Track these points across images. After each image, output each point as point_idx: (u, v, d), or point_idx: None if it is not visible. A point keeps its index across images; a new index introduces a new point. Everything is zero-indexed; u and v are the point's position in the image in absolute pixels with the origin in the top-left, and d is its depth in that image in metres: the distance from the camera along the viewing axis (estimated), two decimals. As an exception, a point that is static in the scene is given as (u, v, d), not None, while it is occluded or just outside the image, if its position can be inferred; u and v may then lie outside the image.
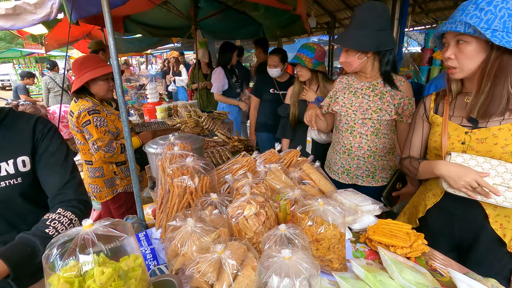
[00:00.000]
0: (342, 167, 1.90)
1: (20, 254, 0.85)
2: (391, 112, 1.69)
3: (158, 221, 1.32)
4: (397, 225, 1.21)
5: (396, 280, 0.91)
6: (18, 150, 1.00)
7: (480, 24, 1.01)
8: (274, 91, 3.01)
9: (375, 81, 1.74)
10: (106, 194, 2.26)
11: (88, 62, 2.05)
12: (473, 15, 1.03)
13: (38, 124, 1.06)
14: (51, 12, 2.45)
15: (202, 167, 1.25)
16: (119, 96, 1.58)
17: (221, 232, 0.98)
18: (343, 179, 1.91)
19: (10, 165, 0.97)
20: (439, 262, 1.13)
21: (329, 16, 6.43)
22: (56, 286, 0.59)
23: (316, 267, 0.78)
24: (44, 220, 0.94)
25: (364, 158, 1.81)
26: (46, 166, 1.05)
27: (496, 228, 1.19)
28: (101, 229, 0.64)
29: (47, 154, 1.05)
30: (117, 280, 0.62)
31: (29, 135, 1.02)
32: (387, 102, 1.69)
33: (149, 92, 4.26)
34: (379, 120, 1.71)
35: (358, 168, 1.85)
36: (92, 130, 1.96)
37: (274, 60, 2.83)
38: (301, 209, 1.05)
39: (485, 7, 1.02)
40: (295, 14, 3.55)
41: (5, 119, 1.01)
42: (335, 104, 1.85)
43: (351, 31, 1.63)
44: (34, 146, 1.03)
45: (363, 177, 1.86)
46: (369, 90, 1.75)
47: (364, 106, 1.74)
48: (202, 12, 4.10)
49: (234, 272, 0.81)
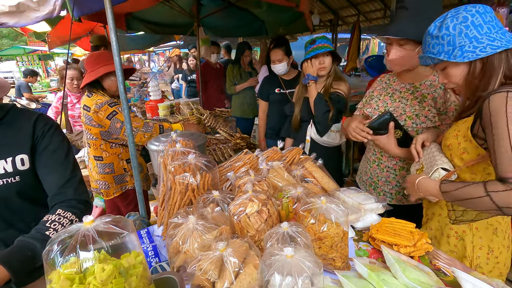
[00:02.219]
0: (370, 178, 1.69)
1: (21, 258, 0.84)
2: (433, 118, 1.42)
3: (160, 218, 1.32)
4: (400, 224, 1.19)
5: (400, 279, 0.90)
6: (18, 148, 0.98)
7: (444, 49, 1.04)
8: (280, 91, 2.77)
9: (418, 83, 1.50)
10: (115, 191, 2.26)
11: (102, 57, 2.08)
12: (434, 44, 1.07)
13: (39, 122, 1.04)
14: (54, 9, 2.44)
15: (204, 165, 1.24)
16: (121, 93, 1.58)
17: (223, 230, 0.98)
18: (370, 192, 1.66)
19: (8, 163, 0.96)
20: (443, 261, 1.11)
21: (332, 14, 6.38)
22: (57, 283, 0.58)
23: (319, 266, 0.77)
24: (44, 222, 0.93)
25: (395, 170, 1.57)
26: (46, 165, 1.03)
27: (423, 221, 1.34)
28: (102, 226, 0.63)
29: (47, 152, 1.04)
30: (117, 277, 0.61)
31: (29, 133, 1.01)
32: (428, 106, 1.44)
33: (152, 90, 4.26)
34: (415, 127, 1.47)
35: (387, 182, 1.61)
36: (122, 118, 1.95)
37: (278, 54, 2.53)
38: (304, 207, 1.04)
39: (439, 33, 1.04)
40: (298, 11, 3.53)
41: (6, 117, 1.00)
42: (367, 106, 1.66)
43: (407, 20, 1.37)
44: (33, 144, 1.02)
45: (392, 194, 1.61)
46: (408, 92, 1.52)
47: (399, 110, 1.51)
48: (204, 10, 4.09)
49: (236, 270, 0.80)
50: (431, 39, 1.07)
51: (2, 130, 0.97)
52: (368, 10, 6.00)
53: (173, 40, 7.24)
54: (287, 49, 2.57)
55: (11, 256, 0.83)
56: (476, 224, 1.17)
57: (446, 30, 1.03)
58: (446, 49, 1.04)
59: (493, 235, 1.18)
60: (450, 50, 1.03)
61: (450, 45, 1.03)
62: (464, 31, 1.00)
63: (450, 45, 1.03)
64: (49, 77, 14.40)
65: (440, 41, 1.05)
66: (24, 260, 0.84)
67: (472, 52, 1.00)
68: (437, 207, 1.28)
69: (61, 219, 0.95)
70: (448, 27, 1.02)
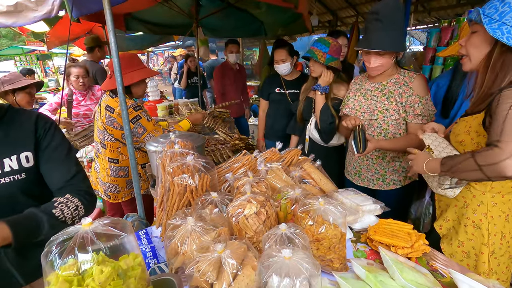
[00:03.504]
0: (354, 168, 1.90)
1: (26, 226, 0.88)
2: (399, 111, 1.64)
3: (158, 219, 1.32)
4: (398, 225, 1.20)
5: (397, 280, 0.91)
6: (21, 146, 1.00)
7: (493, 14, 1.00)
8: (280, 91, 2.74)
9: (385, 81, 1.71)
10: (124, 195, 2.23)
11: (133, 61, 2.08)
12: (493, 5, 1.03)
13: (40, 120, 1.06)
14: (53, 9, 2.44)
15: (202, 166, 1.24)
16: (120, 94, 1.58)
17: (221, 231, 0.98)
18: (356, 181, 1.91)
19: (13, 161, 0.98)
20: (440, 262, 1.12)
21: (331, 15, 6.40)
22: (55, 285, 0.59)
23: (317, 267, 0.78)
24: (53, 202, 0.98)
25: (372, 159, 1.79)
26: (50, 161, 1.05)
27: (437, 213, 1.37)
28: (100, 228, 0.63)
29: (51, 149, 1.06)
30: (116, 279, 0.61)
31: (31, 130, 1.02)
32: (394, 101, 1.65)
33: (150, 90, 4.25)
34: (386, 120, 1.68)
35: (368, 170, 1.83)
36: (145, 124, 2.01)
37: (281, 54, 2.52)
38: (302, 209, 1.05)
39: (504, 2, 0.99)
40: (296, 12, 3.53)
41: (5, 116, 1.01)
42: (346, 106, 1.85)
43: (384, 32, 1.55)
44: (37, 142, 1.03)
45: (374, 180, 1.83)
46: (377, 90, 1.73)
47: (371, 107, 1.72)
48: (203, 10, 4.09)
49: (234, 272, 0.80)
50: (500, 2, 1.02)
51: (3, 129, 0.98)
52: (366, 11, 6.01)
53: (172, 40, 7.21)
54: (290, 50, 2.57)
55: (18, 222, 0.87)
56: (491, 213, 1.21)
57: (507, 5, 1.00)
58: (494, 16, 1.01)
59: (505, 221, 1.21)
60: (495, 19, 1.01)
61: (499, 15, 1.00)
62: None
63: (499, 15, 1.00)
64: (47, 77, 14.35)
65: (499, 6, 1.01)
66: (28, 229, 0.88)
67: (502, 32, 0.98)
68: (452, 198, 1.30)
69: (69, 202, 0.99)
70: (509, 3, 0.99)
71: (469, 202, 1.24)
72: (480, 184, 1.21)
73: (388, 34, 1.54)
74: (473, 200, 1.23)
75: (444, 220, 1.34)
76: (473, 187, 1.23)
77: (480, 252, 1.23)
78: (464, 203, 1.26)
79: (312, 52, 2.05)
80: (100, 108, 2.10)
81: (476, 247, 1.24)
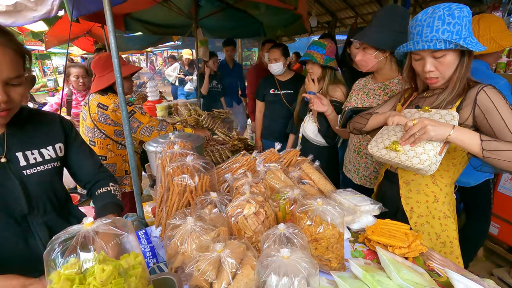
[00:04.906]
0: (353, 166, 1.96)
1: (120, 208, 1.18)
2: None
3: (158, 219, 1.33)
4: (395, 226, 1.21)
5: (394, 280, 0.92)
6: (54, 138, 1.13)
7: (453, 36, 1.10)
8: (274, 91, 2.80)
9: (387, 81, 1.76)
10: None
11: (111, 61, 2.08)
12: (444, 30, 1.10)
13: (63, 120, 1.21)
14: (52, 9, 2.44)
15: (202, 166, 1.25)
16: (120, 94, 1.59)
17: (220, 231, 0.99)
18: (354, 179, 1.97)
19: (50, 151, 1.10)
20: (437, 262, 1.13)
21: (330, 16, 6.41)
22: (57, 283, 0.59)
23: (315, 267, 0.79)
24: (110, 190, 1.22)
25: (371, 157, 1.82)
26: (80, 153, 1.23)
27: (407, 210, 1.40)
28: (102, 227, 0.64)
29: (77, 143, 1.22)
30: (117, 277, 0.62)
31: (59, 126, 1.16)
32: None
33: (150, 90, 4.26)
34: None
35: (366, 168, 1.88)
36: (140, 117, 2.09)
37: (275, 54, 2.60)
38: (300, 209, 1.06)
39: (451, 20, 1.09)
40: (296, 13, 3.54)
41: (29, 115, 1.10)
42: (348, 104, 1.89)
43: (369, 29, 1.64)
44: (66, 136, 1.17)
45: (371, 179, 1.87)
46: (380, 90, 1.78)
47: (373, 105, 1.77)
48: (203, 11, 4.09)
49: (233, 271, 0.81)
50: (442, 24, 1.10)
51: (35, 126, 1.09)
52: (365, 12, 6.03)
53: (171, 40, 7.21)
54: (284, 50, 2.63)
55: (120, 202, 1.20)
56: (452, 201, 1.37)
57: (458, 19, 1.08)
58: (454, 37, 1.09)
59: None
60: (457, 38, 1.09)
61: (458, 34, 1.09)
62: (468, 24, 1.10)
63: (458, 34, 1.09)
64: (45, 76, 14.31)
65: (451, 28, 1.09)
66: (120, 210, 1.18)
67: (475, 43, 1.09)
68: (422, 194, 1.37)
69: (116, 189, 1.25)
70: (459, 16, 1.08)
71: (438, 196, 1.33)
72: (446, 177, 1.31)
73: (375, 31, 1.61)
74: (441, 193, 1.32)
75: (418, 216, 1.39)
76: (439, 180, 1.32)
77: (454, 238, 1.34)
78: (434, 197, 1.34)
79: (310, 55, 2.11)
80: (89, 107, 2.15)
81: (449, 235, 1.34)
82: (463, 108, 1.18)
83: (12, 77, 0.85)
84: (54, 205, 1.11)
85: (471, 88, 1.17)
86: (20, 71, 0.89)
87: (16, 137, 1.02)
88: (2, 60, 0.82)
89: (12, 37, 0.87)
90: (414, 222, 1.39)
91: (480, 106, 1.13)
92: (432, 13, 1.12)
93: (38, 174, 1.04)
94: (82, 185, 1.28)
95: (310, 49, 2.15)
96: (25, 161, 1.02)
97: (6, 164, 0.97)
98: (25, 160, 1.02)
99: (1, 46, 0.82)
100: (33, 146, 1.05)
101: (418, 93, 1.40)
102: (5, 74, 0.83)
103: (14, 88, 0.89)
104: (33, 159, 1.04)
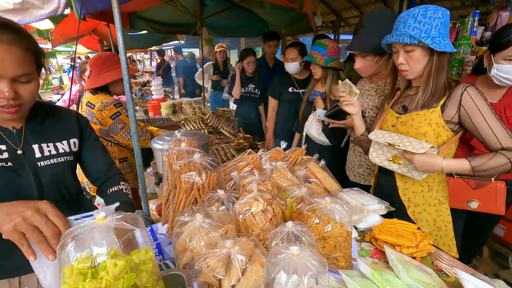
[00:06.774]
0: (350, 163, 2.05)
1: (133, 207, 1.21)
2: None
3: (164, 216, 1.33)
4: (403, 225, 1.21)
5: (403, 279, 0.92)
6: (69, 133, 1.17)
7: (421, 34, 1.21)
8: (293, 90, 2.76)
9: (381, 81, 1.80)
10: None
11: (110, 61, 2.13)
12: (414, 27, 1.23)
13: (79, 116, 1.24)
14: (59, 7, 2.45)
15: (209, 164, 1.25)
16: (127, 92, 1.59)
17: (228, 228, 0.99)
18: (350, 176, 2.05)
19: (65, 145, 1.14)
20: (445, 262, 1.13)
21: (335, 15, 6.39)
22: (70, 277, 0.60)
23: (324, 265, 0.78)
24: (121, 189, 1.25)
25: (362, 154, 1.93)
26: (94, 149, 1.26)
27: (404, 200, 1.47)
28: (114, 222, 0.65)
29: (92, 139, 1.26)
30: (129, 272, 0.62)
31: (75, 122, 1.20)
32: None
33: (154, 89, 4.28)
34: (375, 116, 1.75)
35: (360, 165, 1.96)
36: (125, 119, 2.12)
37: (292, 53, 2.60)
38: (308, 207, 1.06)
39: (422, 19, 1.21)
40: (301, 12, 3.54)
41: (49, 110, 1.15)
42: None
43: (365, 36, 1.65)
44: (81, 132, 1.21)
45: (365, 176, 1.95)
46: (373, 90, 1.85)
47: (364, 105, 1.85)
48: (207, 9, 4.11)
49: (243, 268, 0.81)
50: (413, 22, 1.23)
51: (52, 120, 1.13)
52: (370, 12, 6.01)
53: (176, 39, 7.22)
54: (302, 50, 2.64)
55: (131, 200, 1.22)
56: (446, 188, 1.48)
57: (429, 19, 1.20)
58: (422, 35, 1.21)
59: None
60: (425, 37, 1.21)
61: (427, 33, 1.21)
62: (438, 26, 1.21)
63: (427, 33, 1.21)
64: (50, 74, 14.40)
65: (420, 27, 1.21)
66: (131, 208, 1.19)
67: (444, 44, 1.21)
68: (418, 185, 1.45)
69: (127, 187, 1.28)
70: (431, 17, 1.20)
71: (432, 185, 1.43)
72: None
73: (367, 38, 1.64)
74: (434, 182, 1.42)
75: (415, 206, 1.47)
76: None
77: (448, 222, 1.44)
78: (428, 186, 1.43)
79: (311, 56, 2.14)
80: (82, 105, 2.21)
81: (444, 220, 1.44)
82: (448, 107, 1.28)
83: (18, 75, 0.85)
84: (65, 197, 1.14)
85: (455, 88, 1.27)
86: (29, 69, 0.89)
87: (34, 131, 1.06)
88: (8, 57, 0.82)
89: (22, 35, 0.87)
90: (412, 211, 1.47)
91: (465, 106, 1.24)
92: (411, 12, 1.24)
93: (51, 166, 1.07)
94: (92, 180, 1.30)
95: (312, 49, 2.17)
96: (40, 153, 1.06)
97: (22, 156, 1.01)
98: (40, 152, 1.06)
99: (7, 44, 0.82)
100: (49, 139, 1.09)
101: (401, 92, 1.50)
102: (11, 71, 0.84)
103: (23, 85, 0.89)
104: (47, 152, 1.07)
